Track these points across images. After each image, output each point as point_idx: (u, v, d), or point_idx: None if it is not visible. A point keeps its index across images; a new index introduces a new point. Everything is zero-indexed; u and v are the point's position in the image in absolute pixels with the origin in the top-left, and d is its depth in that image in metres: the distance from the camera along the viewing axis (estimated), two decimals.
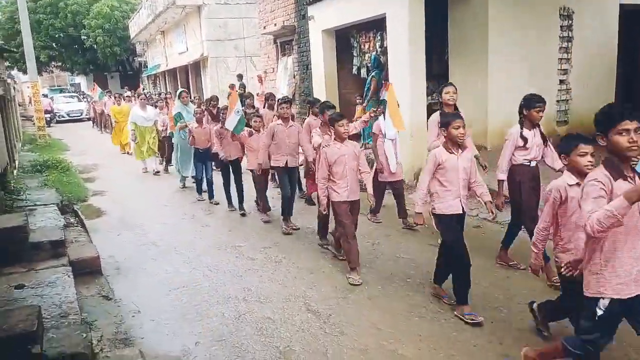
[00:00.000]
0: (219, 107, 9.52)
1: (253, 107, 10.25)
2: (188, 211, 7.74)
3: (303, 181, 7.73)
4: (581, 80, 9.37)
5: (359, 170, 4.92)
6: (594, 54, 9.43)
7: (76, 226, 6.73)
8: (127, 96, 17.20)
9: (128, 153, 13.30)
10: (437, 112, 5.28)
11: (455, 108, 5.20)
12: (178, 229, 6.86)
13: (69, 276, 4.53)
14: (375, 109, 6.34)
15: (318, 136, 6.00)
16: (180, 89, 10.27)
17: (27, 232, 5.05)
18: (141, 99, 11.21)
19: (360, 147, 5.76)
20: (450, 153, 3.97)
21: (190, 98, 13.76)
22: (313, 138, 6.12)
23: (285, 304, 4.35)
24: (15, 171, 9.47)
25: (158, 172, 10.82)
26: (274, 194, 7.78)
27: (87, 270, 5.01)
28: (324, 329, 3.89)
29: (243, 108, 8.23)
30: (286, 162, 6.39)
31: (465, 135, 4.00)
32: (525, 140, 4.53)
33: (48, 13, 33.07)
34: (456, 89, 5.32)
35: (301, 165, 7.19)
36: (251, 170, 6.88)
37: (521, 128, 4.57)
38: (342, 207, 4.82)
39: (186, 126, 8.31)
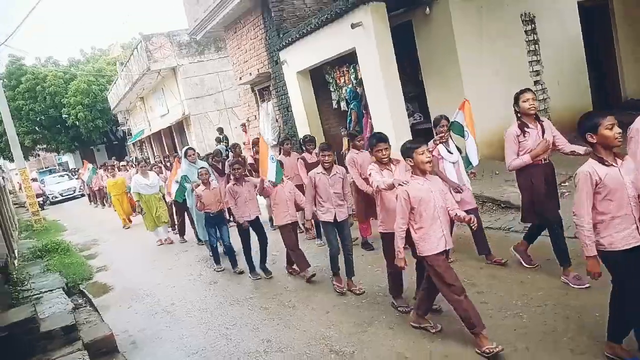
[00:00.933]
0: (223, 161, 9.24)
1: (240, 156, 9.83)
2: (194, 271, 7.70)
3: None
4: (554, 78, 9.60)
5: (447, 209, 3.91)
6: (561, 51, 9.68)
7: (85, 306, 6.68)
8: (122, 165, 17.10)
9: (130, 220, 13.45)
10: (515, 125, 4.63)
11: (537, 118, 4.65)
12: (187, 290, 6.82)
13: None
14: (441, 136, 5.45)
15: (377, 173, 4.46)
16: (185, 147, 9.48)
17: (37, 323, 4.99)
18: (142, 166, 10.41)
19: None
20: (608, 165, 3.08)
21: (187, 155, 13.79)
22: (372, 177, 4.47)
23: (307, 349, 4.31)
24: (15, 261, 9.42)
25: (171, 241, 10.12)
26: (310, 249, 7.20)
27: (103, 350, 4.95)
28: None
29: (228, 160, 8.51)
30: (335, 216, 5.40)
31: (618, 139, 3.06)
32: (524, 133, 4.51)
33: (27, 98, 33.50)
34: (534, 94, 4.67)
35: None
36: (279, 227, 6.18)
37: (519, 126, 4.56)
38: (441, 260, 3.81)
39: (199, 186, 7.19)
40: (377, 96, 8.44)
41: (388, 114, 8.03)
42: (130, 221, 13.53)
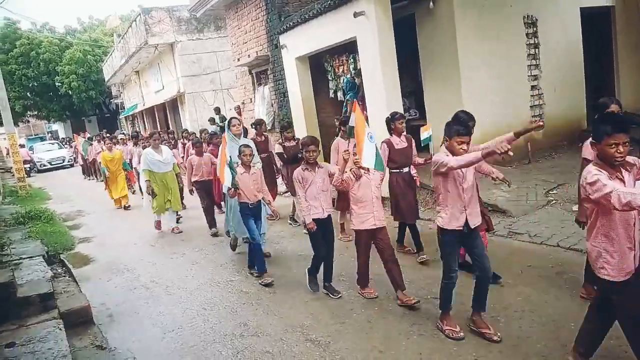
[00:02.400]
0: (294, 137, 7.69)
1: (264, 135, 8.61)
2: (177, 250, 7.65)
3: None
4: (552, 84, 9.59)
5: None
6: (560, 57, 9.68)
7: (64, 276, 6.61)
8: (121, 139, 15.72)
9: (125, 207, 11.73)
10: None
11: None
12: (168, 269, 6.77)
13: (60, 329, 4.44)
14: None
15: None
16: (230, 117, 7.97)
17: (14, 288, 4.94)
18: (154, 139, 8.77)
19: None
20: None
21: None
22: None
23: (283, 335, 4.30)
24: None
25: (180, 230, 8.69)
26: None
27: (79, 321, 4.90)
28: (324, 357, 3.85)
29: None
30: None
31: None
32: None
33: (20, 63, 33.05)
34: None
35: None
36: (356, 232, 4.79)
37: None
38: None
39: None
40: (374, 88, 8.39)
41: (384, 106, 7.98)
42: (127, 202, 11.85)
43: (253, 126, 8.48)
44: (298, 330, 4.35)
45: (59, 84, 33.21)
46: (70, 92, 33.14)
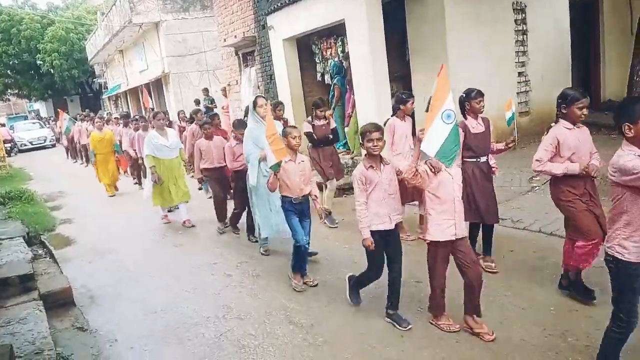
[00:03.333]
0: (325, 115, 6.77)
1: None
2: (159, 232, 7.59)
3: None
4: (538, 71, 9.61)
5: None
6: (548, 44, 9.69)
7: (45, 257, 6.53)
8: (115, 118, 14.60)
9: (111, 196, 10.93)
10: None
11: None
12: (151, 251, 6.72)
13: (40, 310, 4.39)
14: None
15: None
16: (255, 95, 7.49)
17: None
18: (159, 119, 7.53)
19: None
20: None
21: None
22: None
23: (266, 318, 4.30)
24: None
25: (192, 225, 7.58)
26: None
27: (59, 303, 4.85)
28: (307, 340, 3.85)
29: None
30: None
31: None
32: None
33: (0, 40, 32.24)
34: None
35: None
36: (430, 245, 3.77)
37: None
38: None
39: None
40: (362, 71, 8.32)
41: (372, 90, 7.94)
42: (117, 189, 11.25)
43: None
44: (281, 313, 4.35)
45: (41, 62, 32.50)
46: (52, 70, 32.47)
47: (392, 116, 5.80)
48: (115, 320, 4.63)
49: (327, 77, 10.58)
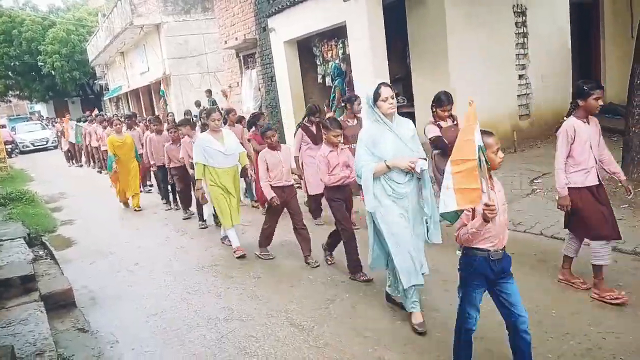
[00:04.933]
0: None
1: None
2: (161, 233, 7.60)
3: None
4: (539, 73, 9.64)
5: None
6: (548, 47, 9.71)
7: (46, 259, 6.52)
8: (138, 120, 12.11)
9: (137, 209, 9.29)
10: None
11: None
12: (152, 252, 6.72)
13: (41, 311, 4.39)
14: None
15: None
16: (377, 83, 4.27)
17: None
18: (214, 119, 5.89)
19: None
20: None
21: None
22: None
23: (267, 320, 4.30)
24: None
25: (243, 254, 5.92)
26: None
27: (60, 304, 4.84)
28: (308, 342, 3.85)
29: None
30: None
31: None
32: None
33: (1, 42, 32.30)
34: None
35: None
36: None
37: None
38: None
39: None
40: (363, 73, 8.34)
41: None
42: (139, 207, 9.32)
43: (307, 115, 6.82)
44: (282, 315, 4.35)
45: (42, 63, 32.56)
46: (53, 72, 32.52)
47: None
48: (117, 321, 4.63)
49: (327, 80, 10.60)
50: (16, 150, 25.59)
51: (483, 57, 8.81)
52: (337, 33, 9.57)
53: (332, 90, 10.14)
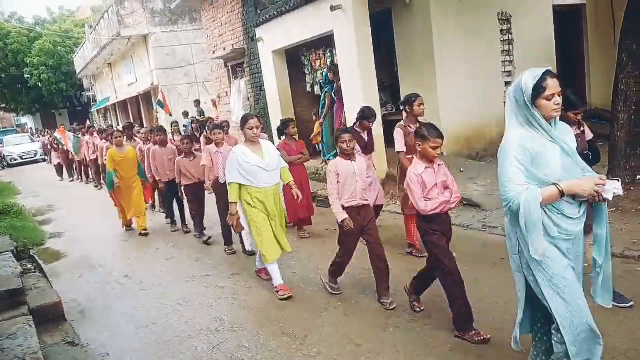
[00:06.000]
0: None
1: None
2: (151, 245, 7.55)
3: None
4: None
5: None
6: (534, 54, 9.84)
7: (34, 272, 6.45)
8: (145, 132, 9.30)
9: (142, 233, 8.06)
10: None
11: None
12: (142, 264, 6.68)
13: (30, 326, 4.33)
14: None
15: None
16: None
17: None
18: (251, 127, 4.83)
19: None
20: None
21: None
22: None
23: (259, 329, 4.28)
24: None
25: (289, 295, 4.83)
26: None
27: (49, 317, 4.79)
28: (300, 351, 3.84)
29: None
30: None
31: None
32: None
33: None
34: None
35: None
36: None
37: None
38: None
39: None
40: (351, 82, 8.40)
41: (361, 100, 7.99)
42: (145, 231, 8.09)
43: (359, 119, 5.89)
44: (275, 324, 4.34)
45: (28, 75, 32.36)
46: (40, 84, 32.34)
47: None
48: (107, 334, 4.59)
49: (317, 88, 10.64)
50: (3, 163, 25.31)
51: (470, 64, 8.92)
52: (325, 42, 9.63)
53: (322, 97, 10.16)
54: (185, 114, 15.57)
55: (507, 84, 9.61)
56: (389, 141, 6.32)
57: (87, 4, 31.58)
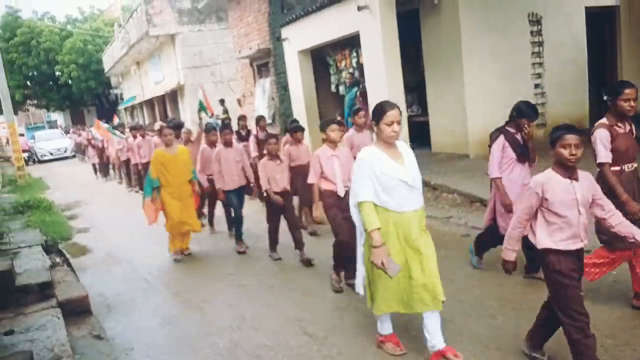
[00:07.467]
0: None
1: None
2: None
3: None
4: (554, 83, 9.57)
5: None
6: (564, 56, 9.66)
7: (62, 266, 6.59)
8: (184, 132, 8.37)
9: (183, 252, 6.75)
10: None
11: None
12: (167, 261, 6.75)
13: (58, 318, 4.44)
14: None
15: None
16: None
17: (13, 276, 4.94)
18: (391, 123, 3.29)
19: None
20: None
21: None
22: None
23: (280, 329, 4.30)
24: None
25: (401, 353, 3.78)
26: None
27: (76, 311, 4.89)
28: (321, 351, 3.84)
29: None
30: None
31: None
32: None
33: (20, 52, 32.90)
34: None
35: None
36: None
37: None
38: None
39: None
40: (377, 82, 8.36)
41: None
42: (188, 251, 6.81)
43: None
44: (296, 324, 4.34)
45: (59, 73, 33.12)
46: (70, 81, 33.06)
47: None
48: (132, 329, 4.67)
49: (341, 89, 10.63)
50: (32, 159, 25.85)
51: (498, 66, 8.79)
52: (351, 42, 9.62)
53: (350, 97, 9.94)
54: (222, 102, 15.48)
55: (537, 86, 9.45)
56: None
57: (117, 2, 32.21)
